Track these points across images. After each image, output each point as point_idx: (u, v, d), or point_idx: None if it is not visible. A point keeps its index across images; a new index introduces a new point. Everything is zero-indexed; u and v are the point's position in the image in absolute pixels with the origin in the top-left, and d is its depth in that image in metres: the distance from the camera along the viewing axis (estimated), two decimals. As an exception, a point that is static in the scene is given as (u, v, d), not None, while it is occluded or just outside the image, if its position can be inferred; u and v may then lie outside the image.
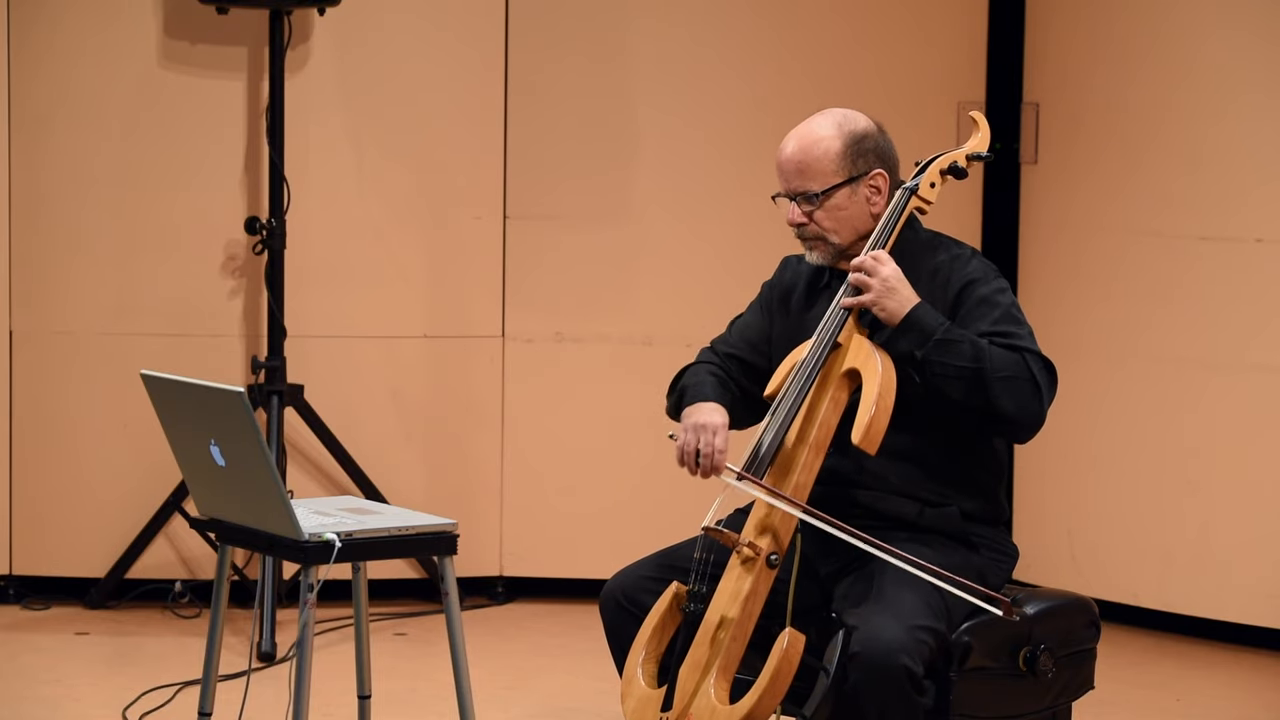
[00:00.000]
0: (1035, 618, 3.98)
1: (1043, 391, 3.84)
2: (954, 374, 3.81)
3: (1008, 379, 3.81)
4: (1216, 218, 5.94)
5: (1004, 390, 3.80)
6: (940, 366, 3.82)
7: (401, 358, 6.35)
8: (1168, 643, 6.04)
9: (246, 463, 3.94)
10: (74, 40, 6.15)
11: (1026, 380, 3.82)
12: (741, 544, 3.84)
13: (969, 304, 3.92)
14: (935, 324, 3.84)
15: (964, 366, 3.81)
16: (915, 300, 3.86)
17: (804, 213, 4.00)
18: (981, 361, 3.80)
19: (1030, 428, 3.87)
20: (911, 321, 3.85)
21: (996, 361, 3.81)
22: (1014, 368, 3.82)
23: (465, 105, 6.32)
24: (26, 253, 6.17)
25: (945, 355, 3.82)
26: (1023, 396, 3.82)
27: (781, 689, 3.71)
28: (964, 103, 6.33)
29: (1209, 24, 5.94)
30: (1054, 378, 3.87)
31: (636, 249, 6.37)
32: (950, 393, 3.83)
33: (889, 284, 3.87)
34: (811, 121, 4.04)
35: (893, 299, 3.87)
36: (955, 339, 3.83)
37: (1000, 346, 3.84)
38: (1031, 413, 3.84)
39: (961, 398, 3.82)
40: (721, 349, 4.18)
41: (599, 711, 5.24)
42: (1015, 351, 3.84)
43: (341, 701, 5.09)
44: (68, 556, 6.25)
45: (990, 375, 3.80)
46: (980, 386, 3.80)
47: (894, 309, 3.87)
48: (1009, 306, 3.93)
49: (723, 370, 4.13)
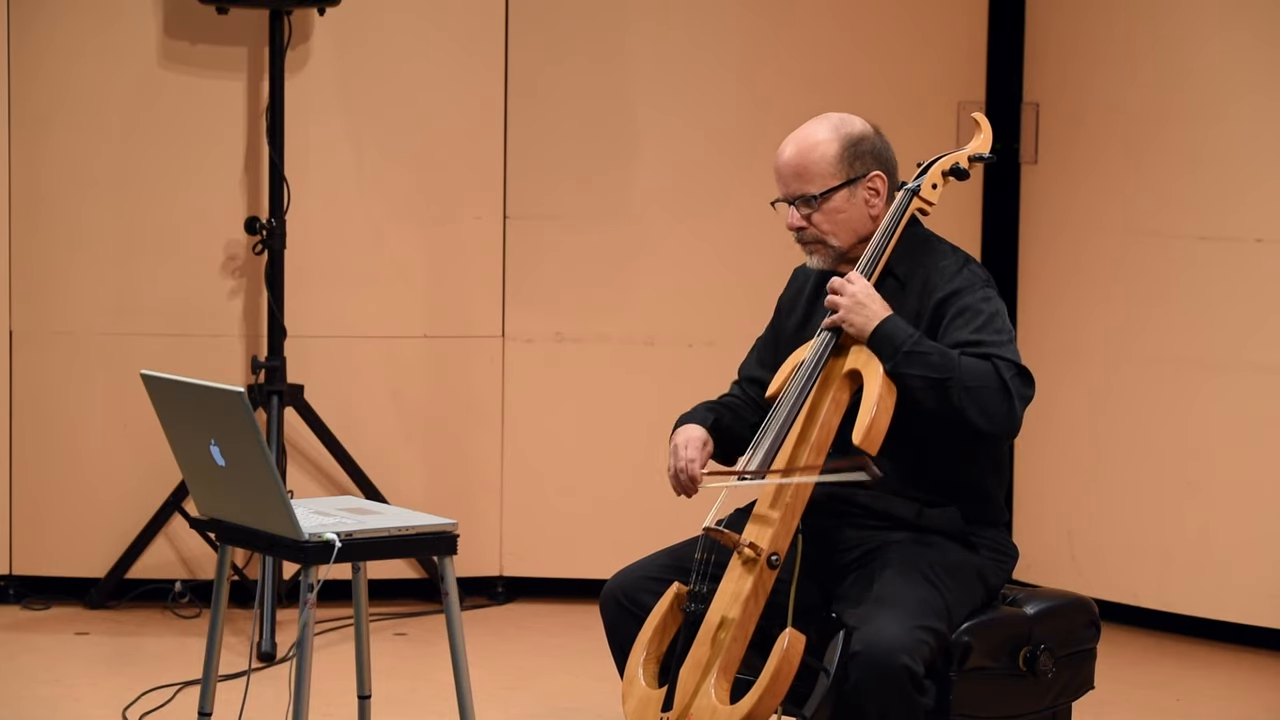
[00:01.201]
0: (1035, 618, 3.98)
1: (1014, 397, 3.83)
2: (921, 385, 3.82)
3: (975, 389, 3.81)
4: (1216, 218, 5.93)
5: (971, 400, 3.81)
6: (910, 378, 3.83)
7: (401, 358, 6.34)
8: (1168, 643, 6.03)
9: (246, 463, 3.94)
10: (74, 40, 6.15)
11: (996, 389, 3.82)
12: (742, 544, 3.85)
13: (950, 314, 3.93)
14: (904, 336, 3.85)
15: (931, 377, 3.82)
16: (884, 314, 3.88)
17: (802, 216, 4.01)
18: (950, 372, 3.81)
19: (1004, 434, 3.87)
20: (880, 335, 3.86)
21: (965, 372, 3.82)
22: (983, 377, 3.82)
23: (465, 105, 6.32)
24: (26, 253, 6.17)
25: (912, 367, 3.83)
26: (991, 405, 3.82)
27: (782, 689, 3.72)
28: (964, 103, 6.33)
29: (1209, 25, 5.94)
30: (1028, 380, 3.86)
31: (637, 249, 6.37)
32: (922, 402, 3.84)
33: (856, 299, 3.89)
34: (808, 126, 4.05)
35: (859, 314, 3.89)
36: (924, 350, 3.84)
37: (972, 356, 3.84)
38: (1001, 420, 3.83)
39: (934, 407, 3.83)
40: (743, 374, 4.24)
41: (599, 711, 5.24)
42: (986, 360, 3.84)
43: (341, 701, 5.09)
44: (68, 556, 6.25)
45: (957, 385, 3.81)
46: (948, 397, 3.81)
47: (861, 324, 3.88)
48: (990, 315, 3.92)
49: (737, 396, 4.18)
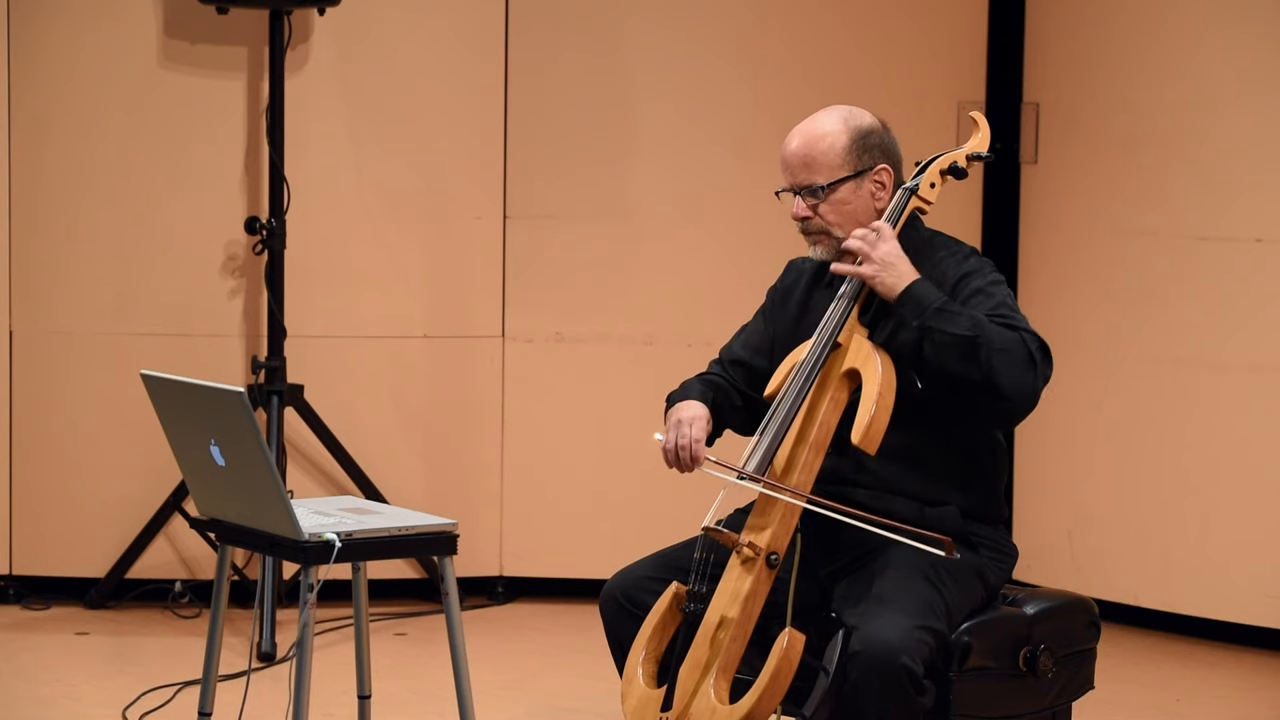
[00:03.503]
0: (1035, 618, 3.98)
1: (1038, 369, 3.82)
2: (951, 341, 3.79)
3: (1004, 351, 3.79)
4: (1215, 217, 5.94)
5: (1000, 362, 3.78)
6: (940, 334, 3.80)
7: (401, 358, 6.34)
8: (1168, 643, 6.03)
9: (246, 463, 3.94)
10: (74, 40, 6.15)
11: (1023, 357, 3.81)
12: (741, 544, 3.85)
13: (965, 294, 3.92)
14: (934, 296, 3.84)
15: (962, 335, 3.79)
16: (914, 276, 3.87)
17: (808, 206, 4.00)
18: (980, 331, 3.79)
19: (1024, 405, 3.84)
20: (909, 294, 3.85)
21: (994, 335, 3.81)
22: (1011, 343, 3.81)
23: (465, 105, 6.32)
24: (26, 253, 6.17)
25: (943, 323, 3.81)
26: (1018, 371, 3.80)
27: (781, 689, 3.72)
28: (964, 103, 6.33)
29: (1208, 24, 5.94)
30: (1049, 358, 3.86)
31: (637, 249, 6.37)
32: (946, 362, 3.81)
33: (888, 259, 3.87)
34: (816, 117, 4.04)
35: (890, 273, 3.87)
36: (954, 311, 3.82)
37: (999, 324, 3.84)
38: (1026, 389, 3.81)
39: (958, 368, 3.80)
40: (725, 356, 4.21)
41: (599, 711, 5.24)
42: (1013, 330, 3.84)
43: (341, 701, 5.09)
44: (68, 556, 6.25)
45: (986, 345, 3.79)
46: (976, 356, 3.78)
47: (892, 284, 3.87)
48: (1005, 297, 3.93)
49: (721, 376, 4.15)
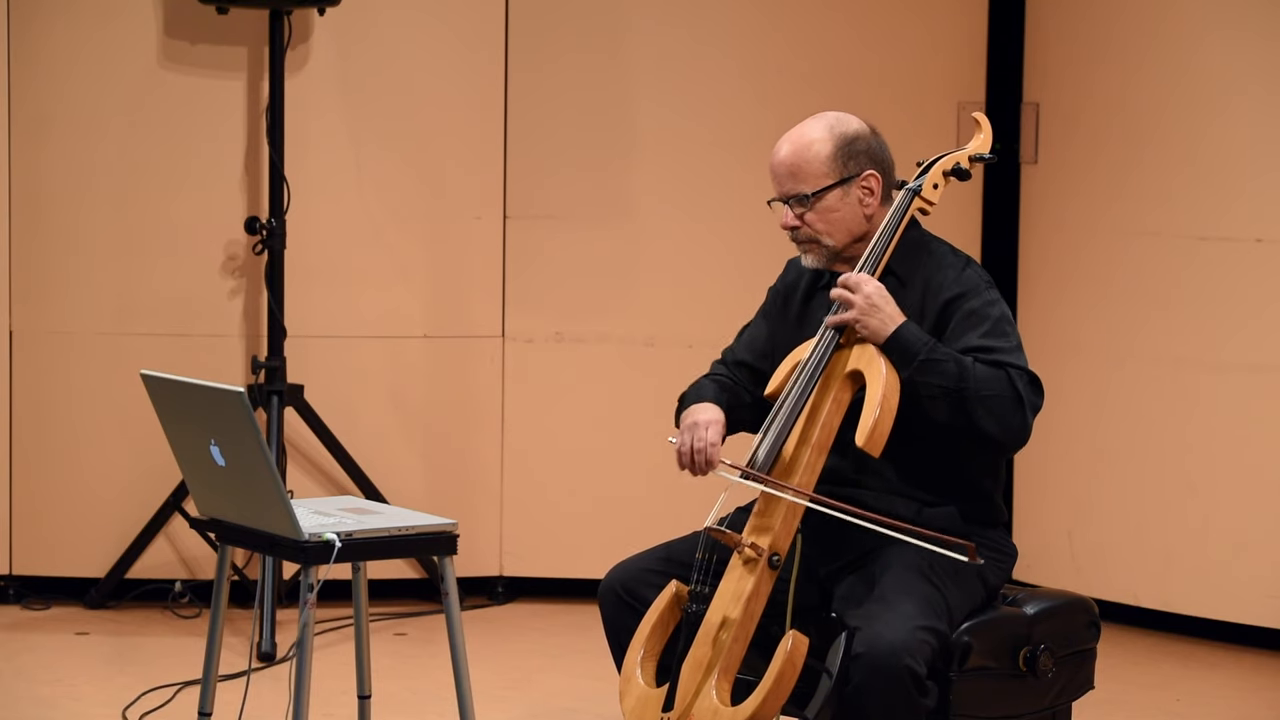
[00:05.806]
0: (1035, 618, 3.98)
1: (1025, 406, 3.85)
2: (938, 394, 3.83)
3: (990, 397, 3.83)
4: (1215, 218, 5.93)
5: (986, 410, 3.82)
6: (925, 388, 3.84)
7: (401, 358, 6.34)
8: (1168, 643, 6.03)
9: (246, 463, 3.94)
10: (74, 40, 6.15)
11: (1009, 397, 3.84)
12: (743, 544, 3.84)
13: (957, 317, 3.94)
14: (920, 344, 3.85)
15: (947, 388, 3.82)
16: (900, 320, 3.88)
17: (796, 215, 4.01)
18: (965, 381, 3.82)
19: (1015, 444, 3.90)
20: (896, 342, 3.86)
21: (980, 380, 3.83)
22: (997, 385, 3.83)
23: (465, 105, 6.31)
24: (26, 253, 6.17)
25: (929, 376, 3.83)
26: (1004, 414, 3.83)
27: (785, 692, 3.71)
28: (964, 103, 6.33)
29: (1208, 24, 5.94)
30: (1039, 389, 3.89)
31: (637, 249, 6.37)
32: (935, 413, 3.85)
33: (871, 301, 3.88)
34: (803, 125, 4.05)
35: (875, 317, 3.88)
36: (939, 359, 3.84)
37: (984, 363, 3.85)
38: (1014, 430, 3.85)
39: (946, 418, 3.85)
40: (729, 357, 4.23)
41: (599, 711, 5.24)
42: (999, 368, 3.86)
43: (341, 701, 5.08)
44: (68, 556, 6.24)
45: (973, 395, 3.82)
46: (963, 407, 3.82)
47: (877, 328, 3.88)
48: (998, 319, 3.94)
49: (729, 377, 4.16)
